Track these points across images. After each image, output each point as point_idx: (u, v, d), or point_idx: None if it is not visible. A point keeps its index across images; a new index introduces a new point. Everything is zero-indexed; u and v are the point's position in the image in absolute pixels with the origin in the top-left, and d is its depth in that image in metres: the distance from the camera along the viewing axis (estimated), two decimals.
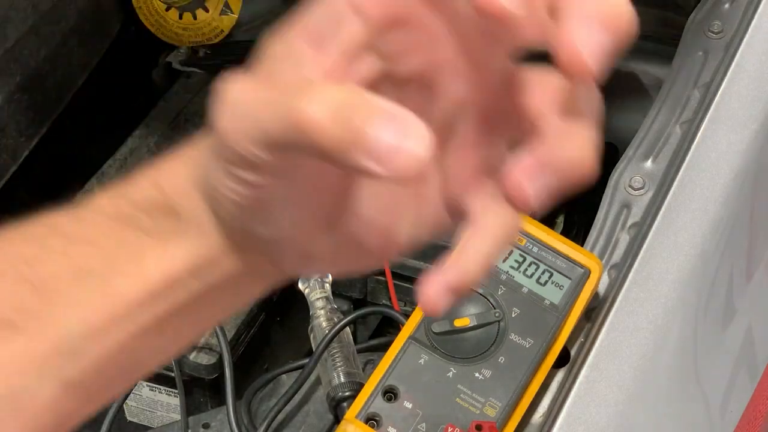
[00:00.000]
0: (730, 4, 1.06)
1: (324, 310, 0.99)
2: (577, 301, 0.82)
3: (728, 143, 0.95)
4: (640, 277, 0.86)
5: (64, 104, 1.27)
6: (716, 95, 0.98)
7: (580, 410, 0.79)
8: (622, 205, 0.92)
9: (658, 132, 0.97)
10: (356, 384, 0.92)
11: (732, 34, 1.03)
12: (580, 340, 0.83)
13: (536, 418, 0.80)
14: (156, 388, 1.11)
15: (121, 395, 1.04)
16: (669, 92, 1.00)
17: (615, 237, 0.89)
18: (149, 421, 1.14)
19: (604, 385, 0.80)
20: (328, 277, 1.04)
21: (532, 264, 0.83)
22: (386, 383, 0.79)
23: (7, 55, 1.16)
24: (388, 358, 0.80)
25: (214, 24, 1.30)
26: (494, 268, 0.83)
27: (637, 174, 0.93)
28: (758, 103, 0.98)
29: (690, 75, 1.01)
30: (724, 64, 1.00)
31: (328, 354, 0.94)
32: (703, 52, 1.03)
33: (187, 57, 1.38)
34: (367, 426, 0.77)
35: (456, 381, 0.79)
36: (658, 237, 0.88)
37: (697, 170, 0.93)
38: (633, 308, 0.84)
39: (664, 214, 0.90)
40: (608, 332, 0.83)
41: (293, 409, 0.95)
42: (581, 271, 0.83)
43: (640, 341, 0.82)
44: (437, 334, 0.80)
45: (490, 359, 0.79)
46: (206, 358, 1.06)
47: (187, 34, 1.31)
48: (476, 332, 0.80)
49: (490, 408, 0.78)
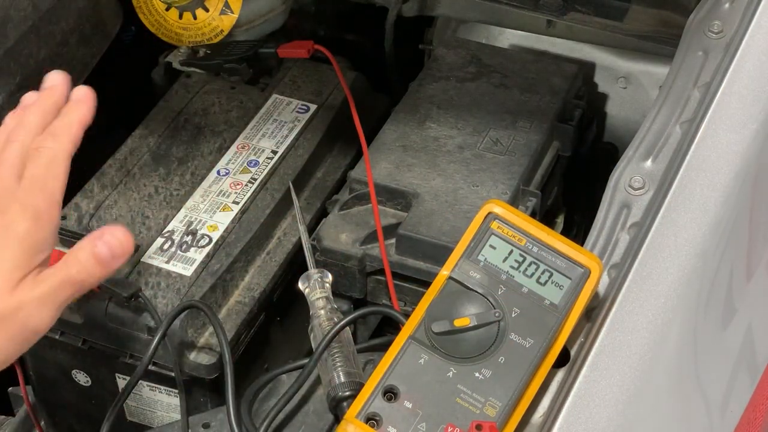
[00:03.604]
0: (730, 4, 1.06)
1: (324, 310, 1.00)
2: (577, 301, 0.82)
3: (728, 143, 0.95)
4: (640, 277, 0.86)
5: None
6: (716, 95, 0.98)
7: (580, 410, 0.79)
8: (622, 205, 0.92)
9: (658, 132, 0.97)
10: (356, 384, 0.92)
11: (732, 34, 1.03)
12: (580, 340, 0.83)
13: (536, 418, 0.80)
14: (156, 388, 1.11)
15: (122, 395, 1.04)
16: (669, 92, 1.00)
17: (615, 237, 0.90)
18: (149, 421, 1.14)
19: (604, 385, 0.80)
20: (328, 276, 1.04)
21: (532, 264, 0.83)
22: (386, 383, 0.79)
23: (7, 55, 1.16)
24: (388, 358, 0.80)
25: (214, 24, 1.30)
26: (494, 267, 0.83)
27: (637, 174, 0.93)
28: (758, 103, 0.98)
29: (690, 75, 1.01)
30: (724, 64, 1.01)
31: (328, 354, 0.94)
32: (703, 52, 1.03)
33: (187, 57, 1.38)
34: (367, 426, 0.77)
35: (456, 381, 0.79)
36: (658, 237, 0.88)
37: (697, 170, 0.93)
38: (633, 308, 0.84)
39: (664, 214, 0.90)
40: (608, 332, 0.83)
41: (293, 409, 0.95)
42: (581, 271, 0.83)
43: (640, 341, 0.82)
44: (437, 334, 0.80)
45: (490, 359, 0.80)
46: (206, 358, 1.06)
47: (187, 34, 1.31)
48: (476, 332, 0.80)
49: (490, 408, 0.78)
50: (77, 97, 0.84)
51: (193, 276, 1.10)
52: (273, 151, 1.24)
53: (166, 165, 1.22)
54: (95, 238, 0.77)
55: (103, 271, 0.77)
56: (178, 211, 1.17)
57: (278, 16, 1.37)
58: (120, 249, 0.77)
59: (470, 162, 1.18)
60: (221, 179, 1.20)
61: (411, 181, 1.16)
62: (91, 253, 0.77)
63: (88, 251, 0.77)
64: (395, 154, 1.19)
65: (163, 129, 1.26)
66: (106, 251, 0.77)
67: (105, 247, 0.77)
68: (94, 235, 0.77)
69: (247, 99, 1.32)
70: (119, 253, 0.77)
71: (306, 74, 1.35)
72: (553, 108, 1.25)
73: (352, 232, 1.13)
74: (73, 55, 1.27)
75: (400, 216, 1.13)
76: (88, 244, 0.77)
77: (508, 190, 1.14)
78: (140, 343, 1.06)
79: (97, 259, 0.77)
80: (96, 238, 0.77)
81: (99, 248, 0.77)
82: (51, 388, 1.18)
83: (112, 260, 0.77)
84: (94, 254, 0.77)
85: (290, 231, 1.19)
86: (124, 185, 1.20)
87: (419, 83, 1.29)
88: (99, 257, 0.77)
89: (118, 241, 0.77)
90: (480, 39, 1.46)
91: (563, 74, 1.29)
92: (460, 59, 1.32)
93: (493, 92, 1.27)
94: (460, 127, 1.22)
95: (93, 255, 0.77)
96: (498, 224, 0.85)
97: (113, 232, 0.77)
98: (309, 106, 1.31)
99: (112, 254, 0.77)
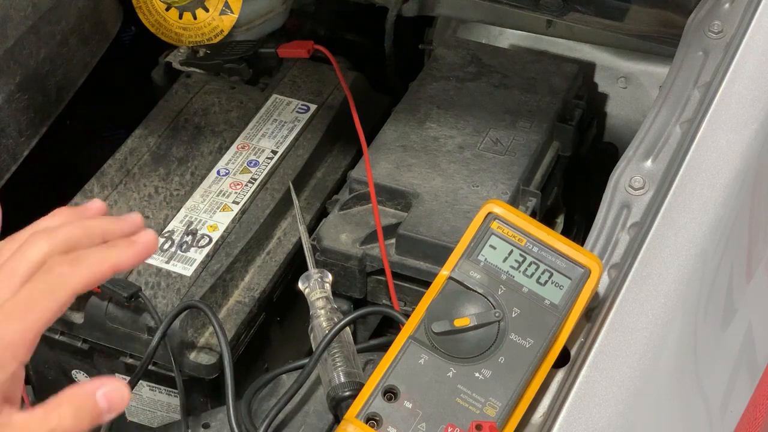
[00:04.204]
0: (730, 4, 1.06)
1: (324, 310, 1.00)
2: (577, 301, 0.82)
3: (728, 143, 0.95)
4: (640, 277, 0.86)
5: (64, 104, 1.27)
6: (716, 95, 0.98)
7: (580, 410, 0.79)
8: (622, 205, 0.92)
9: (658, 132, 0.97)
10: (356, 384, 0.92)
11: (732, 34, 1.03)
12: (580, 340, 0.83)
13: (536, 418, 0.80)
14: (156, 388, 1.11)
15: None
16: (669, 92, 1.00)
17: (615, 237, 0.90)
18: (149, 421, 1.14)
19: (604, 385, 0.80)
20: (328, 276, 1.04)
21: (532, 264, 0.83)
22: (386, 383, 0.79)
23: (7, 55, 1.16)
24: (388, 358, 0.80)
25: (214, 24, 1.30)
26: (494, 267, 0.83)
27: (637, 174, 0.93)
28: (758, 103, 0.98)
29: (690, 75, 1.01)
30: (724, 64, 1.00)
31: (328, 354, 0.94)
32: (703, 52, 1.03)
33: (187, 57, 1.38)
34: (367, 426, 0.77)
35: (456, 381, 0.79)
36: (658, 237, 0.88)
37: (697, 170, 0.93)
38: (633, 308, 0.84)
39: (664, 214, 0.90)
40: (608, 332, 0.83)
41: (293, 409, 0.95)
42: (581, 271, 0.83)
43: (640, 341, 0.82)
44: (437, 334, 0.80)
45: (490, 359, 0.80)
46: (206, 358, 1.06)
47: (187, 34, 1.31)
48: (476, 332, 0.80)
49: (490, 408, 0.78)
50: (140, 240, 0.71)
51: (193, 276, 1.10)
52: (273, 151, 1.24)
53: (166, 165, 1.22)
54: (95, 388, 0.64)
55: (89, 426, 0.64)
56: (178, 211, 1.17)
57: (278, 16, 1.37)
58: (120, 403, 0.64)
59: (470, 162, 1.18)
60: (221, 179, 1.20)
61: (411, 181, 1.16)
62: (88, 405, 0.63)
63: (85, 401, 0.63)
64: (395, 154, 1.19)
65: (163, 129, 1.26)
66: (105, 405, 0.64)
67: (104, 400, 0.64)
68: (92, 385, 0.64)
69: (247, 99, 1.32)
70: (116, 408, 0.64)
71: (306, 74, 1.35)
72: (553, 108, 1.25)
73: (352, 232, 1.13)
74: (73, 55, 1.27)
75: (400, 216, 1.13)
76: (83, 394, 0.64)
77: (508, 190, 1.14)
78: (140, 343, 1.06)
79: (93, 414, 0.63)
80: (96, 389, 0.64)
81: (99, 401, 0.64)
82: (51, 388, 1.18)
83: (107, 415, 0.64)
84: (95, 406, 0.63)
85: (290, 231, 1.19)
86: (124, 185, 1.20)
87: (419, 83, 1.29)
88: (98, 412, 0.63)
89: (119, 395, 0.64)
90: (480, 39, 1.46)
91: (563, 74, 1.29)
92: (460, 59, 1.32)
93: (493, 92, 1.27)
94: (460, 127, 1.22)
95: (92, 407, 0.63)
96: (498, 224, 0.85)
97: (116, 385, 0.64)
98: (309, 106, 1.31)
99: (109, 408, 0.64)
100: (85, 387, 0.64)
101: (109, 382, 0.64)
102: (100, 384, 0.64)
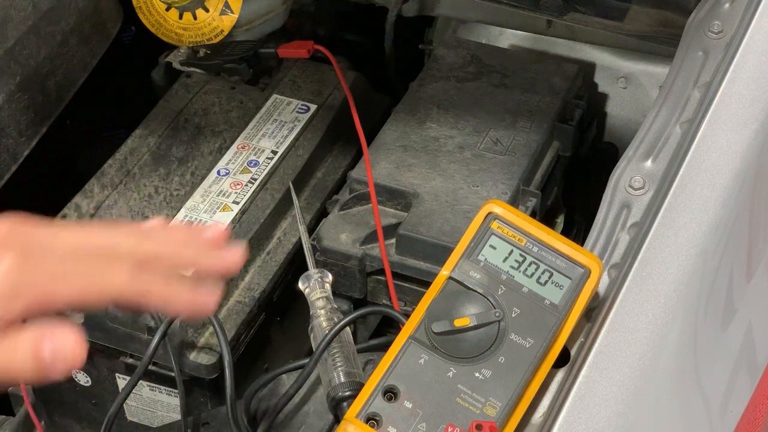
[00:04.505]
0: (730, 4, 1.06)
1: (324, 310, 1.00)
2: (577, 301, 0.82)
3: (728, 143, 0.95)
4: (640, 277, 0.86)
5: (64, 104, 1.27)
6: (716, 95, 0.98)
7: (580, 410, 0.79)
8: (622, 205, 0.92)
9: (658, 132, 0.97)
10: (356, 384, 0.92)
11: (732, 34, 1.03)
12: (580, 340, 0.83)
13: (536, 418, 0.80)
14: (156, 388, 1.11)
15: (122, 395, 1.04)
16: (669, 92, 1.00)
17: (615, 237, 0.89)
18: (149, 421, 1.14)
19: (604, 385, 0.80)
20: (328, 276, 1.04)
21: (532, 264, 0.83)
22: (386, 383, 0.79)
23: (7, 55, 1.16)
24: (388, 358, 0.80)
25: (214, 24, 1.30)
26: (494, 267, 0.83)
27: (637, 174, 0.93)
28: (758, 103, 0.98)
29: (690, 75, 1.01)
30: (724, 64, 1.00)
31: (328, 354, 0.94)
32: (703, 52, 1.03)
33: (187, 57, 1.38)
34: (367, 426, 0.77)
35: (456, 381, 0.79)
36: (658, 237, 0.88)
37: (697, 170, 0.93)
38: (633, 308, 0.84)
39: (664, 214, 0.90)
40: (608, 332, 0.83)
41: (293, 409, 0.95)
42: (581, 271, 0.83)
43: (640, 341, 0.82)
44: (437, 334, 0.80)
45: (490, 359, 0.80)
46: (206, 358, 1.06)
47: (187, 34, 1.31)
48: (476, 332, 0.80)
49: (490, 408, 0.78)
50: (229, 257, 0.72)
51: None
52: (273, 151, 1.24)
53: (166, 165, 1.22)
54: (43, 335, 0.61)
55: (34, 376, 0.61)
56: (178, 211, 1.17)
57: (278, 17, 1.37)
58: (70, 359, 0.61)
59: (470, 162, 1.18)
60: (221, 179, 1.20)
61: (411, 181, 1.16)
62: (31, 350, 0.61)
63: (30, 347, 0.61)
64: (395, 154, 1.19)
65: (163, 129, 1.26)
66: (49, 355, 0.61)
67: (49, 348, 0.61)
68: (43, 331, 0.61)
69: (247, 99, 1.32)
70: (62, 365, 0.61)
71: (306, 74, 1.35)
72: (553, 108, 1.25)
73: (352, 232, 1.13)
74: (73, 55, 1.27)
75: (400, 216, 1.13)
76: (33, 339, 0.61)
77: (508, 190, 1.14)
78: (140, 343, 1.06)
79: (35, 359, 0.61)
80: (45, 336, 0.61)
81: (45, 349, 0.61)
82: (51, 388, 1.18)
83: (52, 367, 0.61)
84: (35, 352, 0.61)
85: (290, 231, 1.19)
86: (124, 185, 1.20)
87: (419, 83, 1.29)
88: (40, 359, 0.61)
89: (69, 347, 0.61)
90: (480, 39, 1.46)
91: (563, 74, 1.29)
92: (460, 59, 1.32)
93: (493, 92, 1.27)
94: (460, 127, 1.22)
95: (33, 353, 0.61)
96: (498, 224, 0.84)
97: (67, 335, 0.61)
98: (309, 106, 1.31)
99: (54, 359, 0.61)
100: (34, 331, 0.61)
101: (62, 331, 0.61)
102: (50, 331, 0.61)
